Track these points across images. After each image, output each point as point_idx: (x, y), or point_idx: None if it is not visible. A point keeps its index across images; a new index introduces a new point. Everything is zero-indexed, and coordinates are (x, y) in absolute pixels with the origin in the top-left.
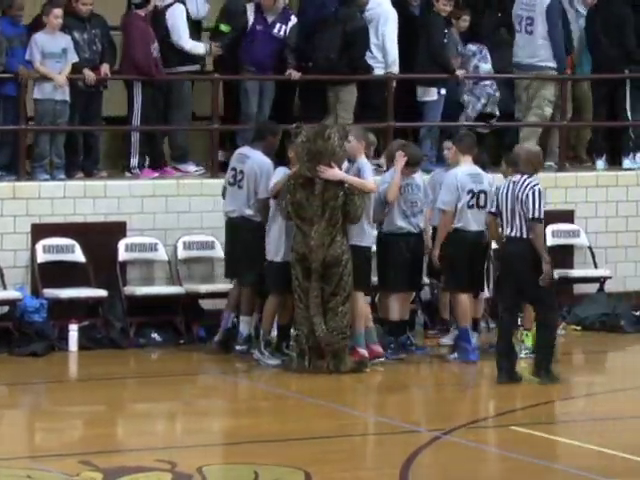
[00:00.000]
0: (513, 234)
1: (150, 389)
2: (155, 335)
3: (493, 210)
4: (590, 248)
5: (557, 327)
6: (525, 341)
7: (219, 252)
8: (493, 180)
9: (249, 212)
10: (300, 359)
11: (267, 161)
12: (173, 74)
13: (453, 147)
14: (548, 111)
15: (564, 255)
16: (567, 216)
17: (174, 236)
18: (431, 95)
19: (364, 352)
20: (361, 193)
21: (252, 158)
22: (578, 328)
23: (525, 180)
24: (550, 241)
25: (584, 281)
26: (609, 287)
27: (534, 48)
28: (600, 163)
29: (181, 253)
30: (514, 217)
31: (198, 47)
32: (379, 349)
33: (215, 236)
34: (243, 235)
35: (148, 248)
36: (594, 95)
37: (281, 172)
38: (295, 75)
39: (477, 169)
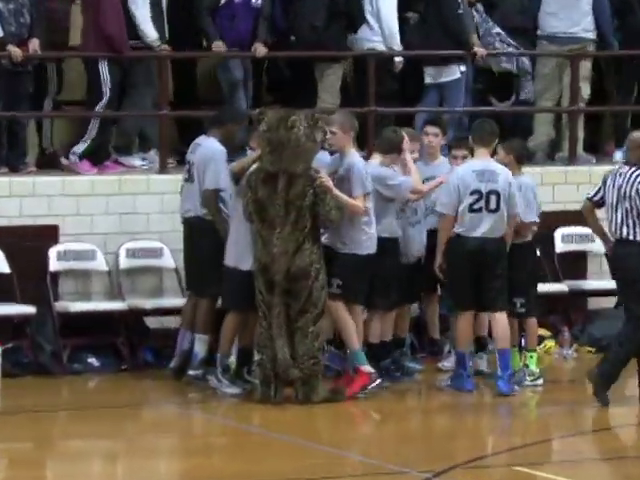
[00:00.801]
0: (624, 235)
1: (87, 424)
2: (93, 359)
3: (596, 199)
4: (607, 255)
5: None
6: (530, 365)
7: (168, 261)
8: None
9: (204, 210)
10: (264, 387)
11: (218, 148)
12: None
13: (439, 134)
14: (586, 90)
15: (576, 264)
16: (579, 218)
17: (115, 242)
18: (452, 74)
19: (370, 370)
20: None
21: (203, 145)
22: (592, 350)
23: (634, 172)
24: (559, 247)
25: (600, 294)
26: None
27: (577, 16)
28: (619, 154)
29: (124, 262)
30: (619, 215)
31: (150, 33)
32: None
33: (164, 242)
34: (199, 238)
35: (84, 256)
36: (619, 76)
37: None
38: (261, 51)
39: (491, 165)
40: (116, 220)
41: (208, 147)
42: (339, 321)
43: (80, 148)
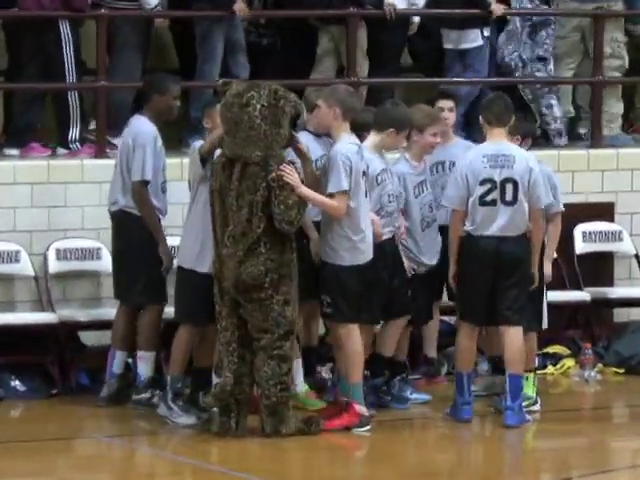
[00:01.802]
0: None
1: (10, 459)
2: (17, 383)
3: None
4: (638, 257)
5: None
6: (525, 387)
7: (107, 263)
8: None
9: (124, 202)
10: (224, 417)
11: (146, 129)
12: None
13: (454, 108)
14: (626, 58)
15: (600, 267)
16: (604, 211)
17: (43, 241)
18: (474, 40)
19: (364, 411)
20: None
21: (130, 126)
22: (620, 371)
23: None
24: (580, 248)
25: (628, 304)
26: None
27: None
28: None
29: (53, 265)
30: None
31: None
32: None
33: (102, 241)
34: (126, 236)
35: (6, 258)
36: None
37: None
38: (241, 9)
39: (506, 147)
40: (44, 215)
41: (134, 129)
42: (345, 347)
43: (76, 133)
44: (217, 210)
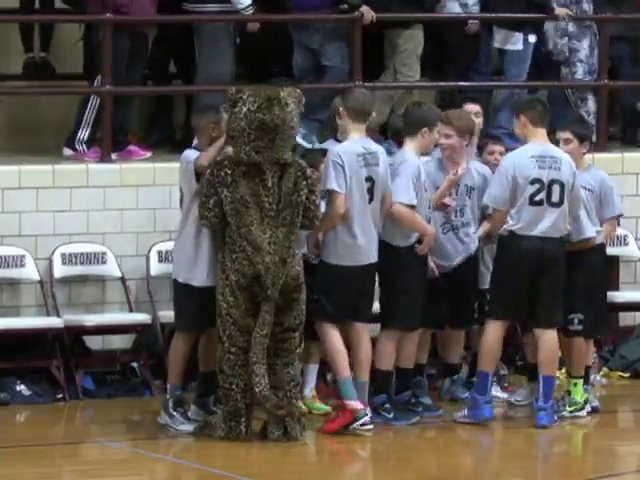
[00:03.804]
0: None
1: (15, 464)
2: (21, 387)
3: None
4: None
5: None
6: (573, 393)
7: (112, 268)
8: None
9: None
10: (233, 422)
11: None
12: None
13: (481, 114)
14: None
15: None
16: None
17: (48, 246)
18: (514, 43)
19: (356, 405)
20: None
21: None
22: (625, 375)
23: None
24: None
25: (634, 308)
26: None
27: None
28: None
29: (59, 270)
30: None
31: None
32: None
33: (108, 245)
34: None
35: (11, 263)
36: None
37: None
38: (368, 15)
39: (551, 149)
40: (49, 219)
41: None
42: (324, 344)
43: (85, 135)
44: (244, 220)
